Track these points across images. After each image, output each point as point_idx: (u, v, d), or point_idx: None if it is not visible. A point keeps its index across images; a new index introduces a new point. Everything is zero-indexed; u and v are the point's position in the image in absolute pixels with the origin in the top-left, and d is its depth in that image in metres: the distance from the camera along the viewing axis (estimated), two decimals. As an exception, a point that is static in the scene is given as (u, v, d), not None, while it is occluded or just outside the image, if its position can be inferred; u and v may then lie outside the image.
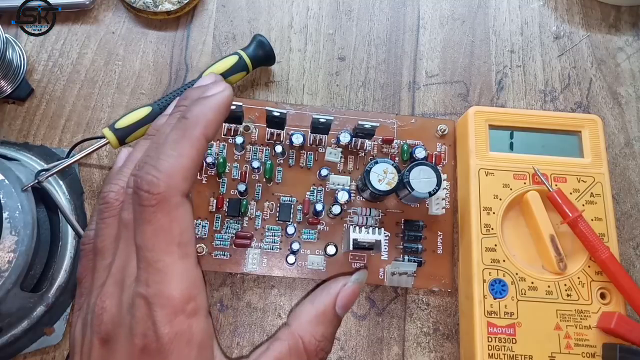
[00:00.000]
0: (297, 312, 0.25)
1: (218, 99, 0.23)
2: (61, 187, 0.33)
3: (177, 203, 0.21)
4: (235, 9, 0.39)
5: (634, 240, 0.34)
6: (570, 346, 0.28)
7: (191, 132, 0.22)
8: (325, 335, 0.24)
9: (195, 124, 0.22)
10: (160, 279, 0.20)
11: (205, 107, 0.22)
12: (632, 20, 0.39)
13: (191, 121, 0.22)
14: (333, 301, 0.24)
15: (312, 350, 0.23)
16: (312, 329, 0.24)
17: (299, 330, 0.23)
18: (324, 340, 0.24)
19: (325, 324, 0.24)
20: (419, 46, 0.38)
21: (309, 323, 0.24)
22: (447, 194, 0.33)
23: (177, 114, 0.23)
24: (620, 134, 0.36)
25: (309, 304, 0.25)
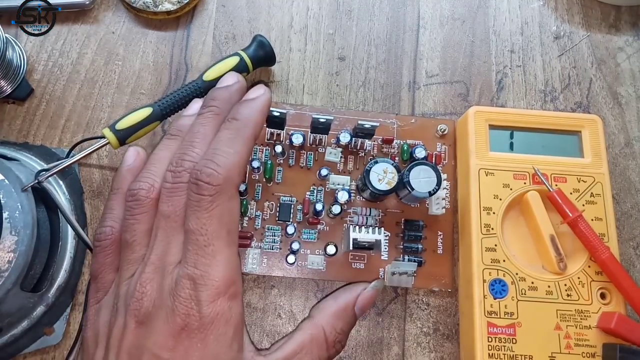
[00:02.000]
0: (320, 306, 0.27)
1: (263, 102, 0.26)
2: (61, 187, 0.33)
3: (231, 195, 0.23)
4: (235, 9, 0.39)
5: (634, 240, 0.34)
6: (571, 346, 0.28)
7: (244, 132, 0.24)
8: (344, 330, 0.26)
9: (247, 125, 0.24)
10: (209, 261, 0.21)
11: (253, 110, 0.25)
12: (632, 20, 0.39)
13: (242, 122, 0.24)
14: (354, 301, 0.27)
15: (332, 341, 0.25)
16: (333, 322, 0.26)
17: (321, 322, 0.26)
18: (342, 334, 0.26)
19: (345, 320, 0.26)
20: (419, 46, 0.38)
21: (330, 316, 0.26)
22: (447, 194, 0.33)
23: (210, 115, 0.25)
24: (620, 134, 0.36)
25: (331, 300, 0.27)
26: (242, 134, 0.24)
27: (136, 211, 0.24)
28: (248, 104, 0.25)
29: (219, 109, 0.25)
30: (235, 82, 0.27)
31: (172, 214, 0.23)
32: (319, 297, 0.32)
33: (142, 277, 0.23)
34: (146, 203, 0.24)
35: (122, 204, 0.26)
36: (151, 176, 0.25)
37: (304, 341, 0.25)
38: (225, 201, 0.22)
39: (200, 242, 0.22)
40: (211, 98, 0.26)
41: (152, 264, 0.23)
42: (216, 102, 0.26)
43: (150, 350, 0.21)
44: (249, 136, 0.24)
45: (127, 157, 0.28)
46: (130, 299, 0.22)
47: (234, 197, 0.23)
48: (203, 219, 0.22)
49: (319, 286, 0.33)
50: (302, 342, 0.25)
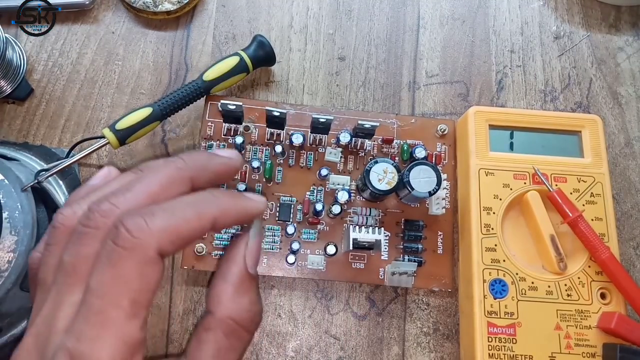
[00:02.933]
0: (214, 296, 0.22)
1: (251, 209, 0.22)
2: (61, 187, 0.33)
3: (151, 260, 0.18)
4: (235, 9, 0.39)
5: (634, 240, 0.34)
6: (571, 346, 0.28)
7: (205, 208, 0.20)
8: (253, 299, 0.22)
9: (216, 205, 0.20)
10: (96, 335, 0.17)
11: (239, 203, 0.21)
12: (632, 20, 0.39)
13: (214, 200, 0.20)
14: (244, 266, 0.23)
15: (248, 323, 0.22)
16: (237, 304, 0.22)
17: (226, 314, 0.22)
18: (254, 305, 0.22)
19: (247, 292, 0.22)
20: (419, 46, 0.38)
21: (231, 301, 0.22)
22: (447, 194, 0.33)
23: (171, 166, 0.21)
24: (620, 134, 0.36)
25: (222, 282, 0.22)
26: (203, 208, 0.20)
27: (50, 241, 0.20)
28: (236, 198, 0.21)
29: (185, 165, 0.21)
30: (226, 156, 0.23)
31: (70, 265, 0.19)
32: (319, 297, 0.32)
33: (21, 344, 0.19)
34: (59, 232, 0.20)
35: None
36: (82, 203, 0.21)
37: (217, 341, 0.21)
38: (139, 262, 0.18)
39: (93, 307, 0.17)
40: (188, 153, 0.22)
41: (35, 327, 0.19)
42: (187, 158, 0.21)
43: None
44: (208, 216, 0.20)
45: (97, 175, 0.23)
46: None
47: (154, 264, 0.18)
48: (105, 277, 0.18)
49: (319, 286, 0.33)
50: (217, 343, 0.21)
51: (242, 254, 0.23)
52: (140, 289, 0.18)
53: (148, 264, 0.18)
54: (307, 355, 0.31)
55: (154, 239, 0.18)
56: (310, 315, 0.32)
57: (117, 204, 0.19)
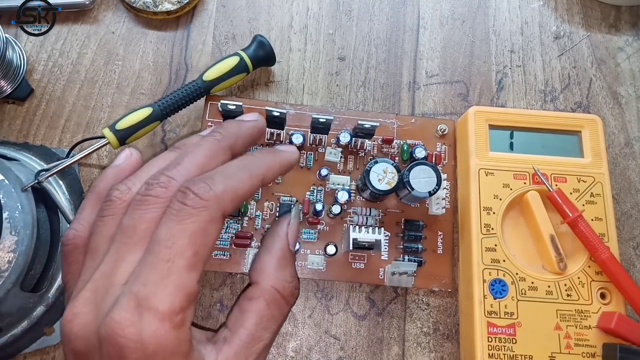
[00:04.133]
0: (258, 268, 0.25)
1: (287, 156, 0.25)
2: (61, 187, 0.33)
3: (214, 218, 0.20)
4: (235, 9, 0.39)
5: (634, 240, 0.34)
6: (571, 346, 0.28)
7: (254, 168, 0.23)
8: (293, 274, 0.25)
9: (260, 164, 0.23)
10: (161, 280, 0.19)
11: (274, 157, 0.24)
12: (632, 20, 0.39)
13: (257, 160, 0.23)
14: (287, 242, 0.25)
15: (289, 294, 0.24)
16: (281, 275, 0.24)
17: (270, 283, 0.24)
18: (294, 279, 0.25)
19: (288, 265, 0.25)
20: (419, 46, 0.38)
21: (275, 272, 0.24)
22: (447, 194, 0.33)
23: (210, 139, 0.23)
24: (620, 134, 0.36)
25: (266, 254, 0.25)
26: (252, 168, 0.23)
27: (105, 212, 0.22)
28: (273, 152, 0.25)
29: (222, 136, 0.24)
30: (252, 120, 0.26)
31: (130, 227, 0.20)
32: (319, 297, 0.32)
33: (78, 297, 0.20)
34: (117, 205, 0.22)
35: (94, 205, 0.23)
36: (134, 180, 0.23)
37: (261, 309, 0.23)
38: (205, 220, 0.20)
39: (160, 255, 0.19)
40: (220, 126, 0.25)
41: (94, 282, 0.20)
42: (222, 130, 0.24)
43: None
44: (258, 174, 0.23)
45: (119, 157, 0.25)
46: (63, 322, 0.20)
47: (217, 221, 0.20)
48: (174, 230, 0.19)
49: (319, 286, 0.33)
50: (260, 311, 0.23)
51: (285, 231, 0.26)
52: (204, 244, 0.20)
53: (212, 222, 0.20)
54: (307, 355, 0.31)
55: (218, 201, 0.20)
56: (310, 315, 0.32)
57: (173, 176, 0.21)
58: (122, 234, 0.20)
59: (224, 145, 0.23)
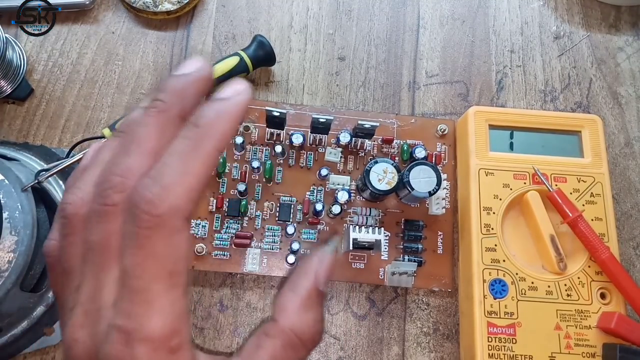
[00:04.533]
0: (280, 305, 0.22)
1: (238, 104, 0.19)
2: (61, 187, 0.33)
3: (177, 228, 0.18)
4: (235, 9, 0.39)
5: (634, 240, 0.34)
6: (570, 346, 0.28)
7: (205, 145, 0.18)
8: (317, 318, 0.22)
9: (209, 135, 0.18)
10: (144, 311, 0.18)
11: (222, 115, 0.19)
12: (632, 20, 0.39)
13: (204, 131, 0.19)
14: (314, 282, 0.22)
15: (308, 339, 0.22)
16: (302, 318, 0.22)
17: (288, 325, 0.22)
18: (317, 324, 0.22)
19: (313, 308, 0.22)
20: (419, 46, 0.38)
21: (297, 314, 0.22)
22: (447, 194, 0.33)
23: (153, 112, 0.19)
24: (620, 134, 0.36)
25: (290, 293, 0.22)
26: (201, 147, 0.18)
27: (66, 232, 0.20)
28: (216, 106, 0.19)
29: (165, 104, 0.19)
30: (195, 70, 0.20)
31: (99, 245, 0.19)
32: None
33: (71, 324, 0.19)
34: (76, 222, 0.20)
35: None
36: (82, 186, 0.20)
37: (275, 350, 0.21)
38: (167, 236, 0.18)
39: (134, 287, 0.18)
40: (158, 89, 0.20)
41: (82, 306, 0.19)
42: (163, 94, 0.19)
43: None
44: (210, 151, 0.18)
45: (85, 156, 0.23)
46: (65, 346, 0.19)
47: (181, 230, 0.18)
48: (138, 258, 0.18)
49: (319, 286, 0.33)
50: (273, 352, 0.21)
51: (315, 268, 0.23)
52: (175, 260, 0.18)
53: (174, 234, 0.18)
54: (307, 355, 0.31)
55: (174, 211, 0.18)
56: (310, 315, 0.32)
57: (124, 175, 0.19)
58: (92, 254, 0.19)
59: (173, 115, 0.19)
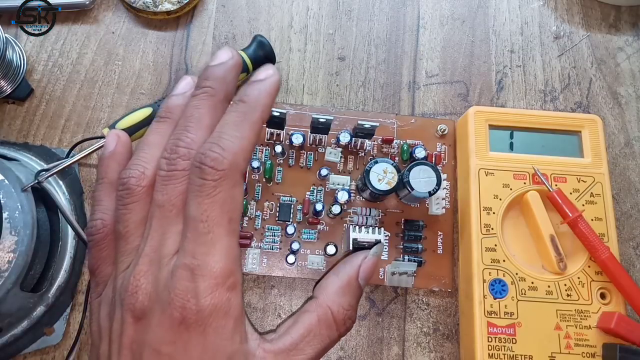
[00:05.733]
0: (322, 285, 0.26)
1: (272, 84, 0.24)
2: (61, 187, 0.33)
3: (236, 181, 0.22)
4: (235, 9, 0.39)
5: (634, 240, 0.34)
6: (570, 346, 0.28)
7: (251, 116, 0.23)
8: (352, 304, 0.25)
9: (255, 108, 0.23)
10: (207, 250, 0.21)
11: (262, 92, 0.23)
12: (632, 20, 0.39)
13: (250, 105, 0.23)
14: (356, 273, 0.26)
15: (341, 320, 0.25)
16: (339, 299, 0.25)
17: (327, 301, 0.25)
18: (351, 309, 0.25)
19: (350, 294, 0.25)
20: (419, 46, 0.38)
21: (335, 294, 0.25)
22: (447, 194, 0.33)
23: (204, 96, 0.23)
24: (620, 134, 0.36)
25: (333, 276, 0.26)
26: (249, 117, 0.23)
27: (127, 200, 0.23)
28: (256, 86, 0.23)
29: (213, 89, 0.24)
30: (230, 57, 0.24)
31: (167, 202, 0.22)
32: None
33: (136, 271, 0.22)
34: (137, 191, 0.23)
35: (110, 194, 0.25)
36: (142, 163, 0.23)
37: (311, 324, 0.24)
38: (229, 187, 0.21)
39: (200, 230, 0.21)
40: (204, 77, 0.24)
41: (147, 256, 0.22)
42: (209, 81, 0.24)
43: (150, 345, 0.21)
44: (257, 120, 0.23)
45: (108, 143, 0.26)
46: (125, 294, 0.22)
47: (239, 183, 0.22)
48: (204, 205, 0.21)
49: (319, 286, 0.33)
50: (310, 325, 0.24)
51: (359, 262, 0.26)
52: (234, 208, 0.22)
53: (234, 186, 0.22)
54: (307, 355, 0.31)
55: (234, 166, 0.21)
56: (310, 315, 0.32)
57: (189, 146, 0.22)
58: (160, 210, 0.22)
59: (221, 98, 0.24)
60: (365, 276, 0.26)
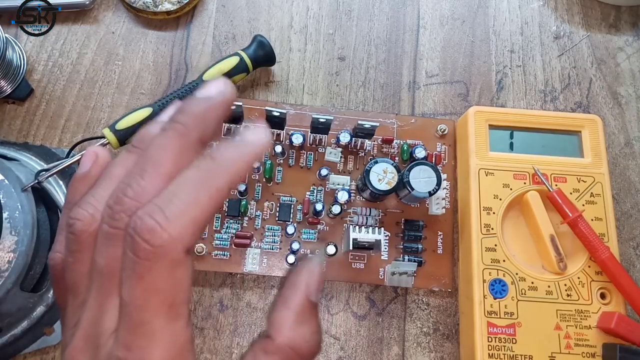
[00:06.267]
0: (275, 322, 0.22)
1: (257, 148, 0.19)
2: (61, 187, 0.33)
3: (178, 261, 0.17)
4: (235, 9, 0.39)
5: (634, 240, 0.34)
6: (570, 346, 0.28)
7: (217, 181, 0.18)
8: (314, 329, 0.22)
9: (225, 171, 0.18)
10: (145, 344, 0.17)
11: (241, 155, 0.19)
12: (632, 20, 0.39)
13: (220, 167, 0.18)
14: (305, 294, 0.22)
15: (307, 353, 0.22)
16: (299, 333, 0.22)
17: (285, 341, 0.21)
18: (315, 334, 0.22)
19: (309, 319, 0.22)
20: (419, 46, 0.38)
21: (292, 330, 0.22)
22: (447, 194, 0.33)
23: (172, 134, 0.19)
24: (620, 134, 0.36)
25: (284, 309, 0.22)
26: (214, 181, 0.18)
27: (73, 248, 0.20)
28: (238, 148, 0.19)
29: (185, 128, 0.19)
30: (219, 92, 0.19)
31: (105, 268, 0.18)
32: (319, 297, 0.32)
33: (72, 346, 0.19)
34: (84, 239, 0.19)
35: None
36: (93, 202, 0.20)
37: None
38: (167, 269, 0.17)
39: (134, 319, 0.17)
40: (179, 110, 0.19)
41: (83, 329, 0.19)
42: (184, 116, 0.19)
43: None
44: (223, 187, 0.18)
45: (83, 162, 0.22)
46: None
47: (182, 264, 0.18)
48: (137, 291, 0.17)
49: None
50: None
51: (305, 280, 0.22)
52: (175, 292, 0.18)
53: (176, 266, 0.17)
54: (307, 355, 0.31)
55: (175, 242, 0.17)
56: (310, 315, 0.32)
57: (137, 197, 0.18)
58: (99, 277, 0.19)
59: (193, 140, 0.19)
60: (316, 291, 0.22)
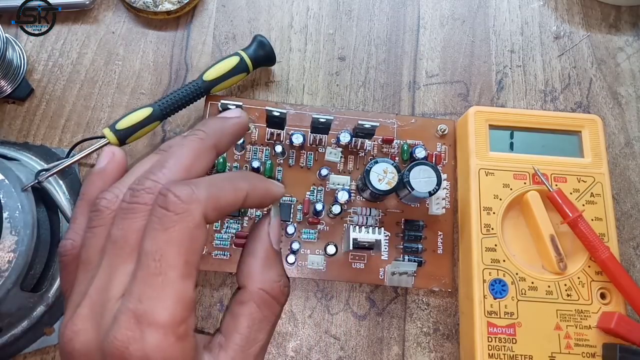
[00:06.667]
0: (244, 271, 0.24)
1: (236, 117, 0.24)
2: (61, 187, 0.33)
3: (199, 223, 0.20)
4: (235, 9, 0.39)
5: (634, 240, 0.34)
6: (570, 346, 0.28)
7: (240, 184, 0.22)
8: (280, 273, 0.24)
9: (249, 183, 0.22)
10: (157, 295, 0.18)
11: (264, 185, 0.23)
12: (632, 20, 0.39)
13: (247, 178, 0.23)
14: (269, 243, 0.25)
15: (278, 293, 0.24)
16: (267, 277, 0.24)
17: (257, 285, 0.23)
18: (281, 278, 0.24)
19: (274, 265, 0.25)
20: (419, 46, 0.38)
21: (261, 274, 0.24)
22: (447, 194, 0.33)
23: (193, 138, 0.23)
24: (620, 134, 0.36)
25: (250, 257, 0.25)
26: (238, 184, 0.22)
27: (94, 223, 0.21)
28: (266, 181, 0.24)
29: (206, 135, 0.23)
30: (235, 116, 0.25)
31: (121, 238, 0.20)
32: (319, 297, 0.32)
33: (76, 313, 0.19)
34: (105, 215, 0.21)
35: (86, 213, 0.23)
36: (121, 187, 0.22)
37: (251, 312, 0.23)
38: (191, 226, 0.19)
39: (151, 269, 0.19)
40: (202, 124, 0.24)
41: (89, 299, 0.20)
42: (205, 128, 0.23)
43: None
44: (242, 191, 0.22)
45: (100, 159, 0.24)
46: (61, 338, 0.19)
47: (202, 226, 0.20)
48: (160, 241, 0.19)
49: (319, 286, 0.33)
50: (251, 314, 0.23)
51: (266, 231, 0.25)
52: (192, 250, 0.19)
53: (197, 227, 0.20)
54: (307, 355, 0.31)
55: (201, 205, 0.20)
56: (310, 315, 0.32)
57: (158, 180, 0.20)
58: (113, 246, 0.20)
59: (209, 145, 0.23)
60: (277, 239, 0.25)
